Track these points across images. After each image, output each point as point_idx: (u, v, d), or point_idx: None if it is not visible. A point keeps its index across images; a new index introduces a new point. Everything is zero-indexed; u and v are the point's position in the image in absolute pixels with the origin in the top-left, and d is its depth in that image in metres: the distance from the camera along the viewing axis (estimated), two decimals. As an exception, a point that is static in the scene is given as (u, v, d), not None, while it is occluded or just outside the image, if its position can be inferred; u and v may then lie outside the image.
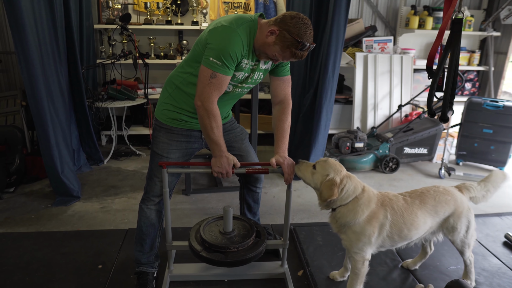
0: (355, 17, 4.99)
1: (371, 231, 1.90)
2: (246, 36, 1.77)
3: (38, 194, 3.35)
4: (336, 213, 1.93)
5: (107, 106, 3.86)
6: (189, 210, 3.15)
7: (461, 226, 2.06)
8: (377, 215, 1.91)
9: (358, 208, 1.88)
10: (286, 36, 1.72)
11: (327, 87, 3.48)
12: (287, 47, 1.74)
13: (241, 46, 1.75)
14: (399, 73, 4.66)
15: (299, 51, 1.74)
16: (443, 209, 2.02)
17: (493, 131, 4.10)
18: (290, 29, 1.71)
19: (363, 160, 4.04)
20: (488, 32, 4.86)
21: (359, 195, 1.90)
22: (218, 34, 1.76)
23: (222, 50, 1.73)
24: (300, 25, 1.71)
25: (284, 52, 1.76)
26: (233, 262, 1.93)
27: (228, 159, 1.88)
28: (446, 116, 2.17)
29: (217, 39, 1.75)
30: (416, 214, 1.97)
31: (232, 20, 1.77)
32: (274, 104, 2.10)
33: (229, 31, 1.74)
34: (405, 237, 1.99)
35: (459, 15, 2.04)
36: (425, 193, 2.05)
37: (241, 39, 1.75)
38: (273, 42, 1.75)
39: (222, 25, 1.76)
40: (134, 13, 4.63)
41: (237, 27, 1.75)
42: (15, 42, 2.76)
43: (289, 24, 1.71)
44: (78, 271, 2.33)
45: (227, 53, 1.73)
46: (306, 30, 1.72)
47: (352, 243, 1.94)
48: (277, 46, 1.75)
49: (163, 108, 2.02)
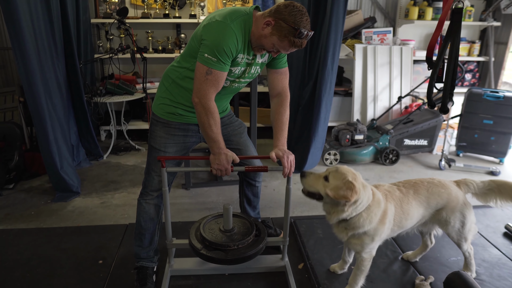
0: (354, 8, 4.95)
1: (383, 229, 1.90)
2: (241, 31, 1.75)
3: (37, 190, 3.35)
4: (348, 223, 1.87)
5: (105, 101, 3.85)
6: (189, 205, 3.15)
7: (454, 220, 2.05)
8: (385, 212, 1.90)
9: (372, 214, 1.85)
10: (283, 25, 1.70)
11: (327, 79, 3.46)
12: (285, 36, 1.71)
13: (236, 41, 1.74)
14: (399, 64, 4.63)
15: (297, 39, 1.72)
16: (435, 201, 2.01)
17: (493, 122, 4.08)
18: (285, 18, 1.69)
19: (363, 152, 4.03)
20: (489, 22, 4.82)
21: (371, 201, 1.86)
22: (212, 30, 1.74)
23: (216, 46, 1.71)
24: (295, 12, 1.69)
25: (282, 42, 1.74)
26: (233, 260, 1.94)
27: (227, 155, 1.87)
28: (446, 107, 2.15)
29: (211, 35, 1.73)
30: (412, 203, 1.97)
31: (226, 14, 1.75)
32: (272, 97, 2.09)
33: (223, 26, 1.72)
34: (402, 226, 2.00)
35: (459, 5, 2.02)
36: (419, 184, 2.05)
37: (235, 34, 1.73)
38: (269, 33, 1.73)
39: (216, 21, 1.74)
40: (132, 7, 4.59)
41: (231, 22, 1.73)
42: (11, 38, 2.73)
43: (284, 13, 1.70)
44: (79, 266, 2.34)
45: (221, 49, 1.71)
46: (302, 17, 1.70)
47: (365, 245, 1.92)
48: (275, 37, 1.73)
49: (160, 102, 2.01)
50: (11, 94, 4.14)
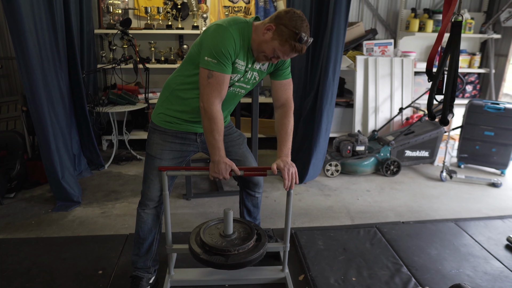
0: (355, 20, 4.99)
1: None
2: (239, 35, 1.79)
3: (38, 200, 3.35)
4: None
5: (107, 110, 3.87)
6: (190, 215, 3.14)
7: None
8: None
9: None
10: (283, 30, 1.74)
11: (328, 91, 3.48)
12: (286, 41, 1.75)
13: (233, 42, 1.77)
14: (400, 76, 4.65)
15: (298, 44, 1.75)
16: None
17: (494, 134, 4.08)
18: (286, 23, 1.74)
19: (364, 163, 4.02)
20: (489, 35, 4.85)
21: None
22: (211, 32, 1.78)
23: (214, 47, 1.75)
24: (295, 18, 1.74)
25: (283, 46, 1.77)
26: (234, 264, 1.92)
27: (226, 164, 1.88)
28: (446, 119, 2.15)
29: (209, 38, 1.78)
30: None
31: (225, 20, 1.81)
32: (276, 108, 2.10)
33: (221, 29, 1.77)
34: None
35: (458, 18, 2.04)
36: None
37: (232, 36, 1.76)
38: (271, 38, 1.77)
39: (215, 24, 1.80)
40: (135, 18, 4.64)
41: (230, 26, 1.77)
42: (15, 47, 2.76)
43: (285, 18, 1.74)
44: (78, 276, 2.32)
45: (219, 50, 1.75)
46: (302, 23, 1.75)
47: None
48: (276, 42, 1.76)
49: (159, 111, 2.03)
50: (14, 103, 4.16)
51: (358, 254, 2.57)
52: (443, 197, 3.60)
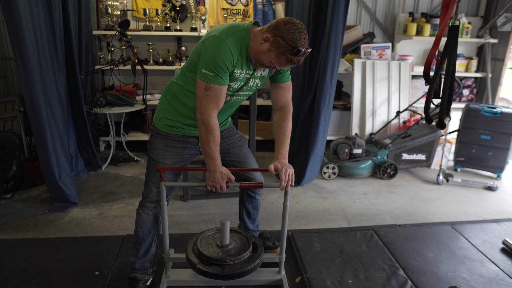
0: (353, 23, 5.01)
1: None
2: (236, 46, 1.78)
3: (35, 200, 3.34)
4: None
5: (105, 112, 3.86)
6: (187, 217, 3.14)
7: None
8: None
9: None
10: (281, 42, 1.71)
11: (325, 94, 3.49)
12: (282, 53, 1.73)
13: (230, 55, 1.76)
14: (397, 79, 4.67)
15: (294, 57, 1.73)
16: None
17: (491, 137, 4.10)
18: (284, 35, 1.70)
19: (362, 166, 4.03)
20: (485, 39, 4.89)
21: None
22: (208, 45, 1.78)
23: (212, 60, 1.75)
24: (294, 30, 1.70)
25: (279, 58, 1.75)
26: (229, 275, 1.95)
27: (222, 173, 1.89)
28: (443, 122, 2.17)
29: (207, 51, 1.78)
30: None
31: (223, 30, 1.79)
32: (275, 110, 2.11)
33: (218, 41, 1.75)
34: None
35: (455, 22, 2.05)
36: None
37: (229, 49, 1.75)
38: (267, 49, 1.75)
39: (213, 36, 1.78)
40: (133, 20, 4.65)
41: (227, 37, 1.76)
42: (13, 48, 2.76)
43: (283, 30, 1.71)
44: (75, 278, 2.32)
45: (217, 63, 1.74)
46: (301, 35, 1.71)
47: None
48: (272, 53, 1.75)
49: (162, 116, 2.03)
50: (11, 104, 4.16)
51: (354, 256, 2.58)
52: (440, 200, 3.61)
